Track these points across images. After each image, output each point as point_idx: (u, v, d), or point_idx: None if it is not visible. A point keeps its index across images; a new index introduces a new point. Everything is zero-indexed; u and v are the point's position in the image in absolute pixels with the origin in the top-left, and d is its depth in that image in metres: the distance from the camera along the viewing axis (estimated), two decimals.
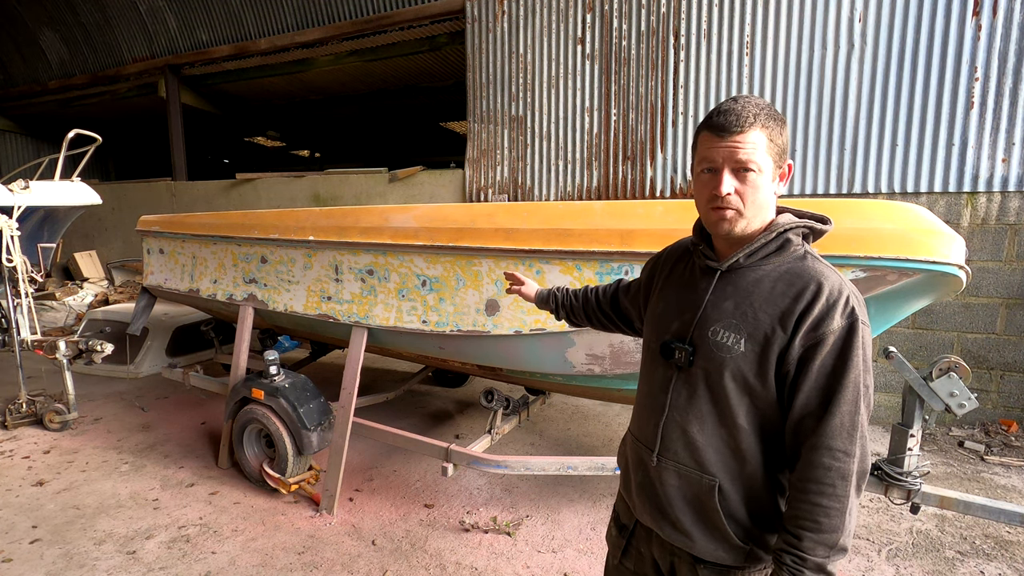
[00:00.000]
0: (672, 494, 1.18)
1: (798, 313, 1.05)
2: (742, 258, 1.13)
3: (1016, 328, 4.15)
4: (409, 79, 8.58)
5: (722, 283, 1.15)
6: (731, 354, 1.09)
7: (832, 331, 1.03)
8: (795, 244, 1.13)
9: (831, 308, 1.03)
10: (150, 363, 5.62)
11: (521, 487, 3.40)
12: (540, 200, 5.67)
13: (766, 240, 1.11)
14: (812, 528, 1.01)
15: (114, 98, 9.70)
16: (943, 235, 2.12)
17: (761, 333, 1.07)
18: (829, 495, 1.01)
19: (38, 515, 3.08)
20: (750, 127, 1.05)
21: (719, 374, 1.11)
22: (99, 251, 9.42)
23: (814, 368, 1.03)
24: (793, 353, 1.05)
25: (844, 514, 1.01)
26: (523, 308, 2.70)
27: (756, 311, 1.09)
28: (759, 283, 1.11)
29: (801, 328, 1.04)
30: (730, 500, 1.12)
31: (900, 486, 2.50)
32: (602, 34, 5.22)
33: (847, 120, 4.44)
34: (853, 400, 1.02)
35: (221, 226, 3.85)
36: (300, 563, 2.65)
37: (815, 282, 1.06)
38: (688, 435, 1.15)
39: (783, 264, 1.11)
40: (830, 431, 1.01)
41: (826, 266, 1.11)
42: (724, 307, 1.13)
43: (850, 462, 1.01)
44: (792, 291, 1.07)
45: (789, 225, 1.12)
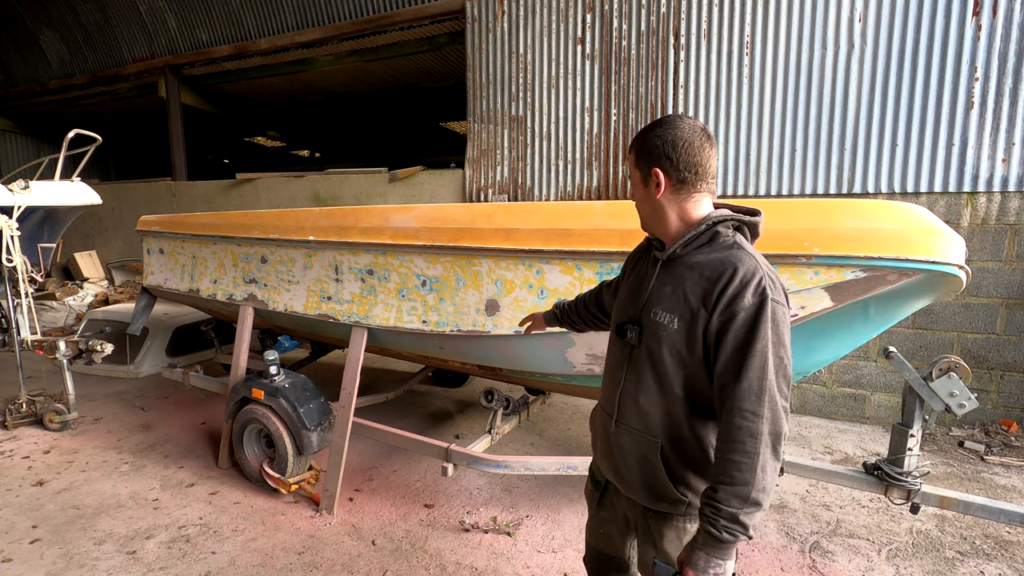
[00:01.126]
0: (627, 455, 1.39)
1: (716, 293, 1.21)
2: (678, 249, 1.31)
3: (1016, 328, 4.15)
4: (409, 79, 8.58)
5: (663, 271, 1.35)
6: (667, 332, 1.28)
7: (743, 308, 1.19)
8: (724, 235, 1.29)
9: (743, 288, 1.19)
10: (150, 363, 5.62)
11: (521, 487, 3.40)
12: (540, 200, 5.67)
13: (697, 232, 1.29)
14: (727, 481, 1.15)
15: (114, 98, 9.69)
16: (943, 235, 2.12)
17: (689, 312, 1.25)
18: (740, 451, 1.15)
19: (38, 515, 3.08)
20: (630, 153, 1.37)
21: (659, 349, 1.30)
22: (99, 251, 9.41)
23: (728, 340, 1.20)
24: (712, 328, 1.22)
25: (755, 470, 1.14)
26: (523, 308, 2.70)
27: (686, 294, 1.26)
28: (691, 270, 1.28)
29: (719, 306, 1.21)
30: (670, 459, 1.32)
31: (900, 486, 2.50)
32: (602, 34, 5.22)
33: (847, 120, 4.44)
34: (760, 367, 1.16)
35: (221, 226, 3.85)
36: (300, 563, 2.65)
37: (732, 267, 1.22)
38: (638, 404, 1.36)
39: (713, 253, 1.27)
40: (740, 394, 1.16)
41: (748, 254, 1.25)
42: (663, 292, 1.31)
43: (758, 422, 1.15)
44: (714, 275, 1.23)
45: (719, 219, 1.29)
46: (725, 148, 4.85)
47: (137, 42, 8.71)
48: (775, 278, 1.24)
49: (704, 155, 1.28)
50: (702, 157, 1.28)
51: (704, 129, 1.30)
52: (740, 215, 1.32)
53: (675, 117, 1.31)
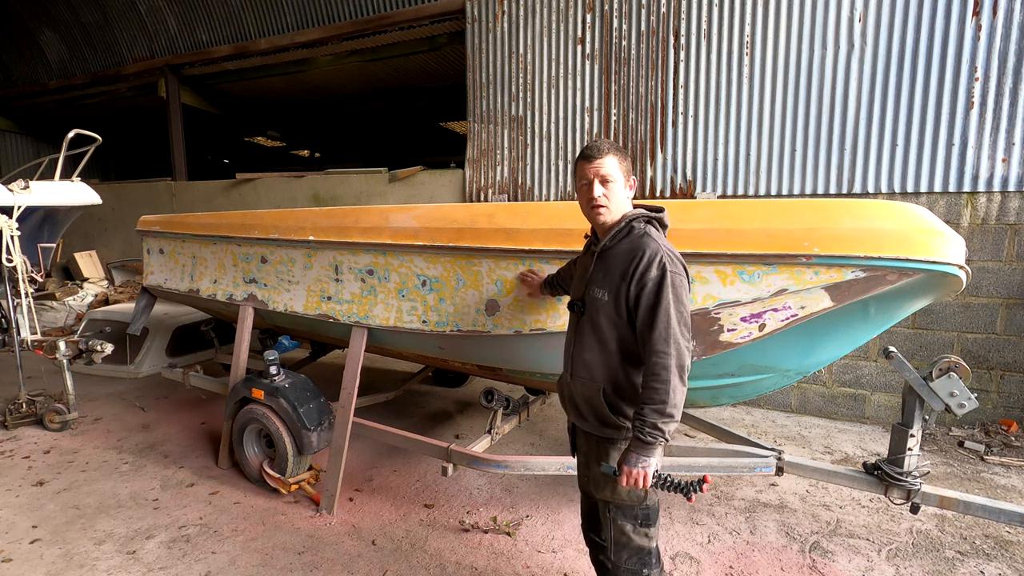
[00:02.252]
0: (578, 397, 1.85)
1: (631, 270, 1.67)
2: (607, 241, 1.77)
3: (1016, 328, 4.15)
4: (409, 79, 8.58)
5: (599, 260, 1.80)
6: (602, 303, 1.75)
7: (650, 279, 1.64)
8: (638, 228, 1.74)
9: (649, 264, 1.64)
10: (150, 363, 5.62)
11: (521, 487, 3.40)
12: (540, 200, 5.67)
13: (619, 228, 1.76)
14: (648, 401, 1.60)
15: (114, 98, 9.69)
16: (943, 235, 2.12)
17: (615, 287, 1.71)
18: (657, 379, 1.59)
19: (38, 515, 3.08)
20: (606, 154, 1.73)
21: (597, 316, 1.77)
22: (99, 251, 9.41)
23: (642, 303, 1.65)
24: (631, 295, 1.67)
25: (668, 392, 1.58)
26: (523, 308, 2.70)
27: (613, 273, 1.72)
28: (616, 256, 1.74)
29: (634, 279, 1.66)
30: (610, 397, 1.78)
31: (900, 486, 2.51)
32: (602, 34, 5.22)
33: (847, 120, 4.44)
34: (666, 320, 1.61)
35: (221, 226, 3.85)
36: (300, 563, 2.65)
37: (642, 250, 1.67)
38: (584, 359, 1.83)
39: (631, 242, 1.72)
40: (654, 340, 1.61)
41: (653, 240, 1.70)
42: (598, 275, 1.78)
43: (667, 358, 1.59)
44: (630, 257, 1.69)
45: (633, 216, 1.75)
46: (725, 148, 4.85)
47: (137, 42, 8.71)
48: (675, 256, 1.68)
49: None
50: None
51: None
52: (645, 212, 1.77)
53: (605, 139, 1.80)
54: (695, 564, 2.66)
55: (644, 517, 1.80)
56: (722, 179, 4.88)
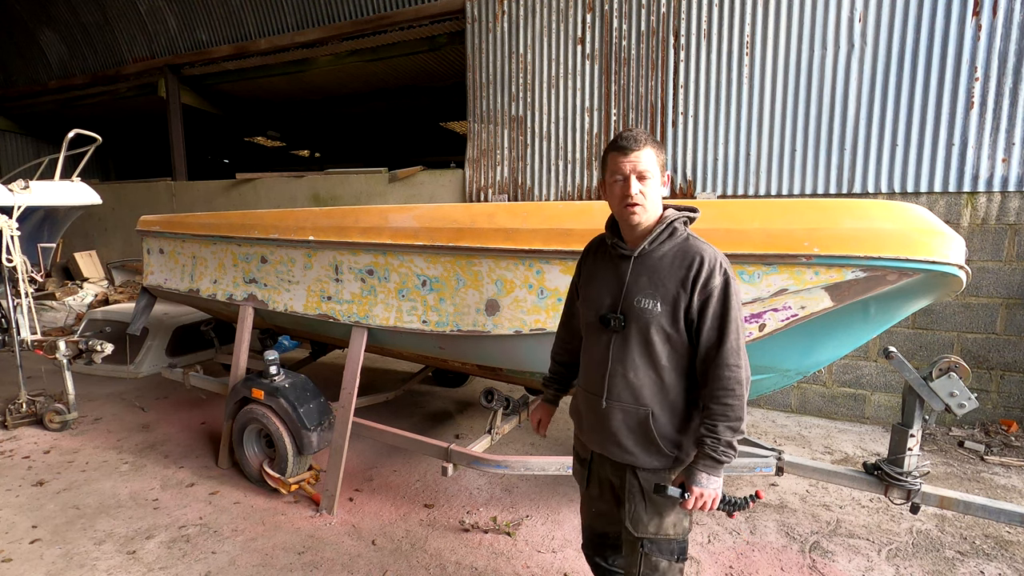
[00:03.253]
0: (619, 426, 1.62)
1: (691, 278, 1.50)
2: (647, 245, 1.57)
3: (1016, 328, 4.15)
4: (409, 79, 8.58)
5: (636, 265, 1.59)
6: (652, 315, 1.53)
7: (715, 287, 1.49)
8: (680, 230, 1.58)
9: (712, 271, 1.50)
10: (150, 363, 5.62)
11: (521, 487, 3.40)
12: (540, 200, 5.67)
13: (660, 230, 1.56)
14: (723, 419, 1.49)
15: (114, 98, 9.69)
16: (943, 235, 2.12)
17: (670, 296, 1.52)
18: (733, 395, 1.48)
19: (38, 515, 3.08)
20: (643, 146, 1.52)
21: (647, 330, 1.55)
22: (99, 251, 9.41)
23: (709, 314, 1.50)
24: (694, 306, 1.51)
25: (743, 406, 1.49)
26: (523, 308, 2.70)
27: (664, 281, 1.53)
28: (662, 261, 1.56)
29: (696, 288, 1.50)
30: (660, 422, 1.58)
31: (900, 486, 2.51)
32: (602, 34, 5.22)
33: (847, 120, 4.44)
34: (736, 331, 1.49)
35: (221, 226, 3.85)
36: (300, 563, 2.65)
37: (699, 256, 1.52)
38: (627, 379, 1.59)
39: (675, 246, 1.56)
40: (725, 353, 1.48)
41: (703, 243, 1.57)
42: (641, 282, 1.56)
43: (740, 371, 1.49)
44: (685, 263, 1.52)
45: (675, 217, 1.58)
46: (725, 148, 4.85)
47: (137, 42, 8.70)
48: (725, 258, 1.56)
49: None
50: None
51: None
52: (685, 212, 1.61)
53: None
54: (695, 564, 2.66)
55: (681, 551, 1.65)
56: (722, 179, 4.88)
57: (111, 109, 10.56)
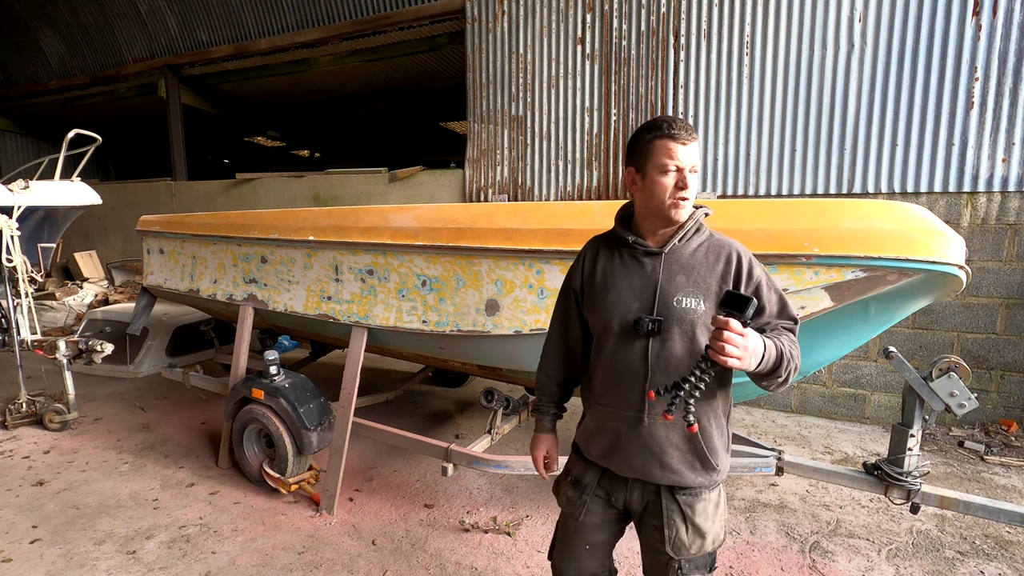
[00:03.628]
0: (663, 444, 1.44)
1: (734, 273, 1.44)
2: (677, 242, 1.46)
3: (1016, 328, 4.15)
4: (409, 79, 8.58)
5: (668, 263, 1.46)
6: (696, 314, 1.40)
7: (756, 275, 1.45)
8: (704, 227, 1.51)
9: (751, 265, 1.46)
10: (150, 363, 5.62)
11: (521, 487, 3.40)
12: (540, 200, 5.67)
13: (691, 226, 1.47)
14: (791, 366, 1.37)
15: (114, 98, 9.69)
16: (943, 235, 2.12)
17: (713, 292, 1.42)
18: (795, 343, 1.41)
19: (38, 515, 3.08)
20: (695, 138, 1.42)
21: (692, 331, 1.41)
22: (99, 251, 9.41)
23: (764, 296, 1.45)
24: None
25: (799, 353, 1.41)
26: (523, 308, 2.70)
27: (704, 278, 1.43)
28: (694, 258, 1.45)
29: (741, 281, 1.43)
30: (708, 434, 1.45)
31: (900, 486, 2.51)
32: (602, 34, 5.22)
33: (847, 120, 4.44)
34: (780, 296, 1.48)
35: (221, 226, 3.85)
36: (300, 563, 2.65)
37: (734, 251, 1.46)
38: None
39: (703, 242, 1.48)
40: (787, 315, 1.47)
41: (725, 237, 1.51)
42: (677, 280, 1.44)
43: (795, 327, 1.48)
44: (722, 259, 1.45)
45: (699, 214, 1.51)
46: (725, 148, 4.85)
47: (137, 42, 8.70)
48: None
49: None
50: None
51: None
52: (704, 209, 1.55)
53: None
54: None
55: (713, 560, 1.54)
56: (722, 179, 4.88)
57: (111, 109, 10.56)
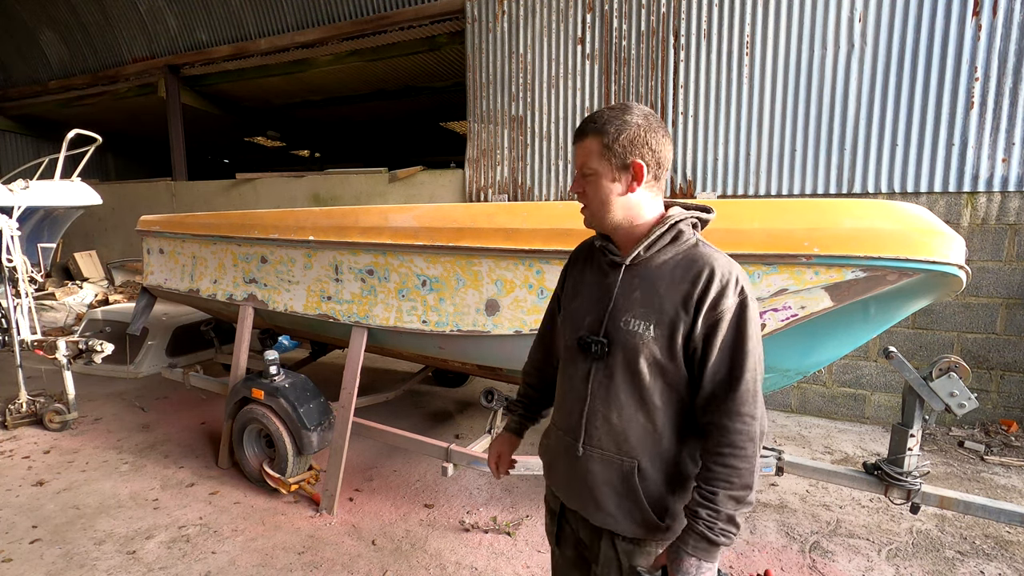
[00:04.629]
0: (597, 480, 1.26)
1: (697, 296, 1.15)
2: (642, 251, 1.22)
3: (1016, 328, 4.15)
4: (409, 79, 8.58)
5: (628, 275, 1.25)
6: (643, 340, 1.18)
7: (728, 309, 1.14)
8: (687, 234, 1.22)
9: (724, 289, 1.14)
10: (150, 363, 5.62)
11: (521, 487, 3.40)
12: (540, 200, 5.67)
13: (660, 232, 1.21)
14: (726, 486, 1.12)
15: (114, 98, 9.69)
16: (943, 235, 2.12)
17: (667, 318, 1.17)
18: (740, 456, 1.12)
19: (38, 515, 3.08)
20: (585, 136, 1.21)
21: (635, 360, 1.19)
22: (99, 251, 9.42)
23: (717, 344, 1.14)
24: (697, 332, 1.15)
25: (752, 472, 1.13)
26: (523, 308, 2.70)
27: (661, 298, 1.18)
28: (660, 271, 1.21)
29: (702, 309, 1.15)
30: (649, 479, 1.22)
31: (900, 486, 2.51)
32: (602, 34, 5.22)
33: (847, 120, 4.44)
34: (753, 368, 1.14)
35: (221, 226, 3.85)
36: (300, 563, 2.65)
37: (708, 267, 1.16)
38: (609, 422, 1.24)
39: (679, 253, 1.21)
40: (739, 398, 1.13)
41: (716, 251, 1.21)
42: (633, 297, 1.22)
43: (755, 424, 1.13)
44: (689, 276, 1.17)
45: (680, 217, 1.22)
46: (725, 148, 4.85)
47: (137, 42, 8.71)
48: (746, 275, 1.21)
49: (669, 147, 1.22)
50: (668, 150, 1.21)
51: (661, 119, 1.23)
52: (695, 212, 1.26)
53: (634, 104, 1.21)
54: None
55: None
56: (722, 179, 4.88)
57: (111, 109, 10.56)
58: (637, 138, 1.18)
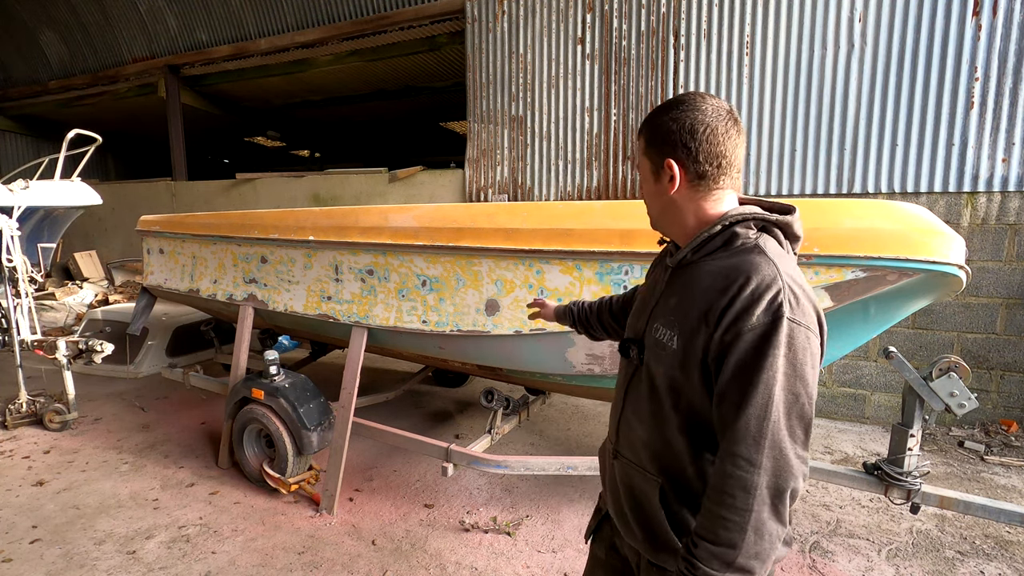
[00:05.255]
0: (624, 491, 1.18)
1: (720, 307, 0.97)
2: (688, 254, 1.09)
3: (1016, 328, 4.15)
4: (409, 79, 8.58)
5: (673, 280, 1.13)
6: (666, 352, 1.06)
7: (751, 327, 0.94)
8: (743, 237, 1.05)
9: (754, 302, 0.94)
10: (150, 363, 5.62)
11: (521, 487, 3.40)
12: (540, 200, 5.67)
13: (710, 233, 1.06)
14: (709, 538, 0.95)
15: (114, 98, 9.69)
16: (943, 235, 2.12)
17: (688, 329, 1.02)
18: (728, 506, 0.93)
19: (38, 515, 3.08)
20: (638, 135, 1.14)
21: (657, 371, 1.09)
22: (99, 251, 9.42)
23: (729, 366, 0.95)
24: (713, 350, 0.98)
25: (743, 531, 0.92)
26: (523, 308, 2.70)
27: (689, 307, 1.04)
28: (700, 278, 1.05)
29: (721, 323, 0.97)
30: (671, 501, 1.09)
31: (900, 486, 2.51)
32: (602, 34, 5.22)
33: (847, 120, 4.44)
34: (763, 404, 0.92)
35: (221, 226, 3.85)
36: (300, 563, 2.65)
37: (744, 275, 0.97)
38: (635, 432, 1.15)
39: (729, 258, 1.04)
40: (735, 435, 0.93)
41: (768, 260, 0.99)
42: (669, 304, 1.10)
43: (754, 472, 0.91)
44: (722, 285, 0.99)
45: (736, 218, 1.05)
46: None
47: (137, 42, 8.71)
48: (801, 293, 0.98)
49: (729, 144, 1.05)
50: (727, 146, 1.05)
51: (730, 112, 1.06)
52: (763, 212, 1.08)
53: (696, 96, 1.07)
54: None
55: None
56: None
57: (111, 109, 10.56)
58: (671, 135, 1.07)
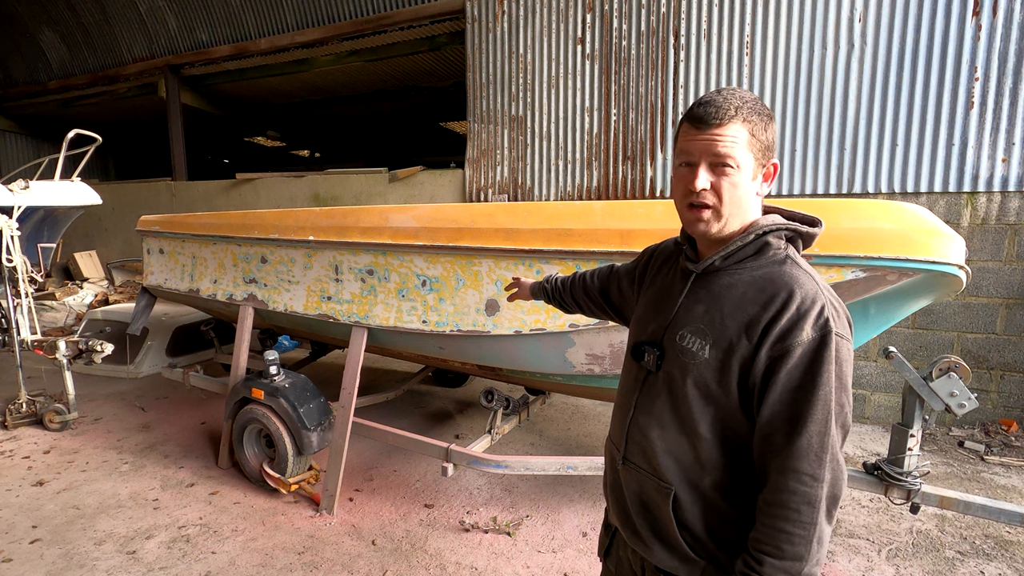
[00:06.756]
0: (632, 498, 1.16)
1: (765, 322, 0.97)
2: (718, 260, 1.07)
3: (1016, 328, 4.15)
4: (409, 79, 8.58)
5: (696, 286, 1.11)
6: (695, 360, 1.04)
7: (800, 343, 0.95)
8: (775, 247, 1.05)
9: (801, 318, 0.95)
10: (150, 363, 5.62)
11: (521, 487, 3.40)
12: (540, 200, 5.67)
13: (743, 242, 1.05)
14: (774, 554, 0.95)
15: (114, 98, 9.70)
16: (943, 235, 2.12)
17: (726, 340, 1.01)
18: (794, 521, 0.94)
19: (38, 515, 3.08)
20: (730, 120, 0.99)
21: (682, 380, 1.06)
22: (99, 251, 9.42)
23: (779, 382, 0.95)
24: (759, 365, 0.98)
25: (809, 542, 0.94)
26: (523, 308, 2.70)
27: (724, 317, 1.03)
28: (731, 288, 1.04)
29: (767, 339, 0.97)
30: (686, 510, 1.08)
31: (900, 486, 2.51)
32: (602, 34, 5.22)
33: (847, 120, 4.44)
34: (823, 420, 0.94)
35: (221, 226, 3.85)
36: (300, 563, 2.65)
37: (787, 289, 0.98)
38: (648, 439, 1.12)
39: (760, 268, 1.04)
40: (797, 452, 0.94)
41: (805, 272, 1.03)
42: (695, 311, 1.08)
43: (818, 487, 0.94)
44: (762, 298, 0.99)
45: (770, 227, 1.05)
46: None
47: (137, 42, 8.71)
48: (839, 305, 1.01)
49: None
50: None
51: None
52: (793, 223, 1.07)
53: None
54: None
55: None
56: None
57: (111, 109, 10.57)
58: (773, 139, 1.04)
